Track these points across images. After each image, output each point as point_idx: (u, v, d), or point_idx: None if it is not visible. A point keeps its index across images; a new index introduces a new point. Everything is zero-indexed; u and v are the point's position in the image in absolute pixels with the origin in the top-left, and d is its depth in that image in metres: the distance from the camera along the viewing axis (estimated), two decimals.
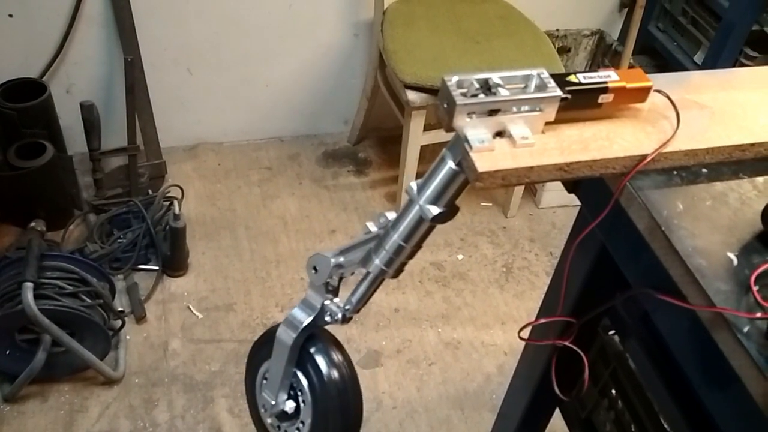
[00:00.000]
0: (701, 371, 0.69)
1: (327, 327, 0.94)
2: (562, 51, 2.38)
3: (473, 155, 0.66)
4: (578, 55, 2.42)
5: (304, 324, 0.90)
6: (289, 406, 0.94)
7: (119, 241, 1.91)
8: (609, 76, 0.70)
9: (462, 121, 0.67)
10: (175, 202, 1.99)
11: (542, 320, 0.93)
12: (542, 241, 2.15)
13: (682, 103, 0.74)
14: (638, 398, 0.91)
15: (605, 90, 0.70)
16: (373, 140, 2.44)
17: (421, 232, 0.78)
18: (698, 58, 2.18)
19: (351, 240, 0.87)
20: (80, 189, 2.08)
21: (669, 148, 0.70)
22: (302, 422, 0.95)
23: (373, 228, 0.84)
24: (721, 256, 0.65)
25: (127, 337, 1.76)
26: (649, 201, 0.68)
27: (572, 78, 0.69)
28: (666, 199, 0.69)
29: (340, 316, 0.90)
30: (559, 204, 2.25)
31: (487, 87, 0.67)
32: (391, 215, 0.81)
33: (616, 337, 0.95)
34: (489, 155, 0.66)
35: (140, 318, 1.79)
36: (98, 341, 1.61)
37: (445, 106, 0.68)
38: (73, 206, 2.02)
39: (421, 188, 0.74)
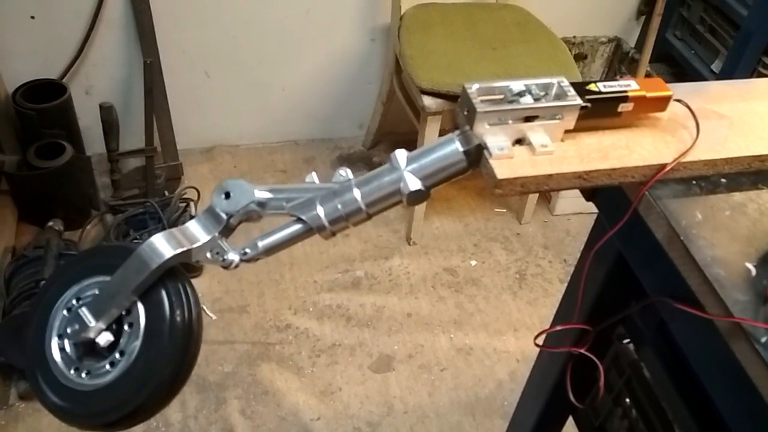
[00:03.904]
0: (718, 381, 0.69)
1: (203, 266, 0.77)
2: (579, 58, 2.38)
3: (493, 162, 0.66)
4: (595, 62, 2.42)
5: (181, 251, 0.73)
6: (105, 338, 0.76)
7: (135, 241, 1.93)
8: (629, 85, 0.70)
9: (482, 128, 0.67)
10: (192, 204, 2.00)
11: (558, 327, 0.93)
12: (556, 249, 2.14)
13: (701, 112, 0.74)
14: (652, 407, 0.91)
15: (625, 99, 0.70)
16: (388, 145, 2.45)
17: (387, 203, 0.71)
18: (716, 66, 2.17)
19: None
20: (98, 189, 2.10)
21: (688, 158, 0.70)
22: (114, 360, 0.76)
23: (316, 180, 0.76)
24: (740, 266, 0.65)
25: None
26: (667, 210, 0.68)
27: (592, 86, 0.70)
28: (685, 208, 0.69)
29: (230, 257, 0.75)
30: (574, 211, 2.25)
31: (507, 95, 0.68)
32: (350, 173, 0.73)
33: (631, 346, 0.95)
34: (508, 162, 0.67)
35: None
36: None
37: (466, 113, 0.68)
38: (90, 206, 2.05)
39: (412, 159, 0.69)
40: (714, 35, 2.19)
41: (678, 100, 0.73)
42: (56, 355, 0.78)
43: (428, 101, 1.78)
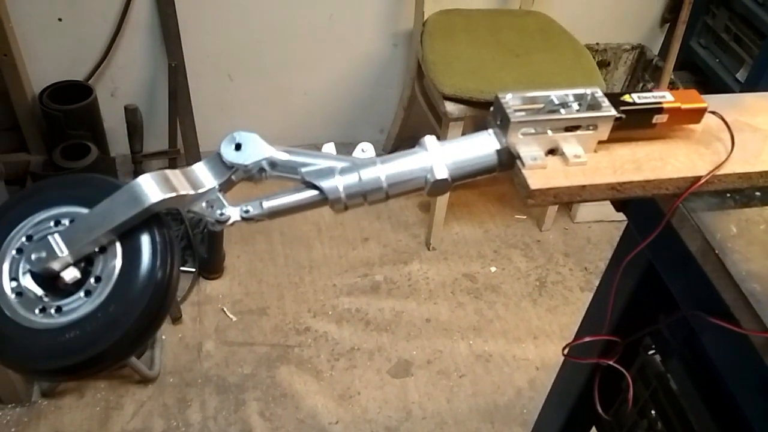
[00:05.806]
0: (751, 396, 0.68)
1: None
2: (602, 65, 2.36)
3: (526, 172, 0.66)
4: (618, 69, 2.40)
5: (174, 195, 0.67)
6: (72, 274, 0.69)
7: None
8: (664, 97, 0.70)
9: (515, 138, 0.67)
10: None
11: (587, 338, 0.92)
12: (577, 256, 2.13)
13: (735, 125, 0.74)
14: (679, 420, 0.90)
15: (660, 110, 0.69)
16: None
17: (409, 187, 0.68)
18: (741, 75, 2.15)
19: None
20: None
21: (723, 171, 0.70)
22: (83, 296, 0.69)
23: (333, 151, 0.72)
24: None
25: (163, 337, 1.79)
26: (702, 223, 0.67)
27: (627, 98, 0.69)
28: (719, 221, 0.68)
29: (228, 212, 0.69)
30: (595, 219, 2.24)
31: (547, 105, 0.67)
32: (371, 149, 0.70)
33: (658, 357, 0.94)
34: (541, 173, 0.67)
35: (176, 319, 1.82)
36: None
37: (499, 122, 0.68)
38: None
39: (443, 147, 0.68)
40: (739, 44, 2.17)
41: (712, 112, 0.73)
42: (7, 290, 0.70)
43: (450, 107, 1.78)
